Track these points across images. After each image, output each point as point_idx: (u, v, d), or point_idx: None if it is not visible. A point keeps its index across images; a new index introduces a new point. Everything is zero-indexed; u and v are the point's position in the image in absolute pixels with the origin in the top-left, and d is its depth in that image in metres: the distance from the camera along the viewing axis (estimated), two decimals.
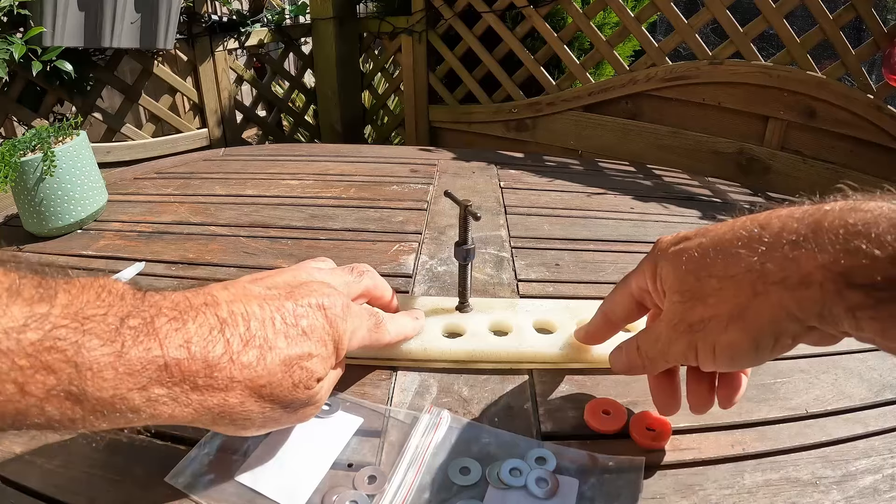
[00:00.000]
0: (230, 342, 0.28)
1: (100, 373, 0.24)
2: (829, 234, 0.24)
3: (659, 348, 0.32)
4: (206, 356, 0.27)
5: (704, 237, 0.30)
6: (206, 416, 0.28)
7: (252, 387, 0.29)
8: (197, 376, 0.27)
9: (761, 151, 1.63)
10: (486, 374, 0.44)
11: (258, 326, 0.30)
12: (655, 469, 0.35)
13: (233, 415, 0.29)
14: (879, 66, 1.44)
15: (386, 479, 0.33)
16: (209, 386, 0.27)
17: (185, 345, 0.27)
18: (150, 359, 0.25)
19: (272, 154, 1.07)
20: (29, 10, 1.50)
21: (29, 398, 0.23)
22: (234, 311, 0.30)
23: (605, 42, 1.79)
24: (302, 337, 0.31)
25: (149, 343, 0.26)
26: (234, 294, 0.31)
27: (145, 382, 0.25)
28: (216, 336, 0.28)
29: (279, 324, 0.30)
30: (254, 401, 0.29)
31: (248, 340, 0.29)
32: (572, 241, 0.69)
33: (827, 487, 0.34)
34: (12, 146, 0.66)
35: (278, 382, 0.30)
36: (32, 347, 0.23)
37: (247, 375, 0.28)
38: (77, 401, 0.24)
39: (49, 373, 0.23)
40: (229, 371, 0.28)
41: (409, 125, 2.33)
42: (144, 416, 0.26)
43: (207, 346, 0.27)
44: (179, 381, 0.26)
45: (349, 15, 2.30)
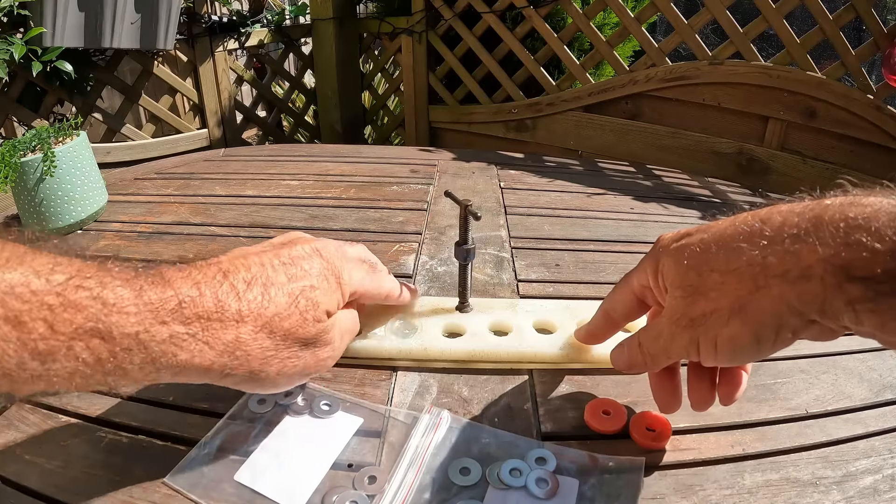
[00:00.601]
0: (234, 285, 0.30)
1: (123, 308, 0.25)
2: (829, 228, 0.24)
3: (661, 344, 0.32)
4: (215, 294, 0.29)
5: (706, 233, 0.30)
6: (226, 358, 0.29)
7: (262, 320, 0.30)
8: (210, 312, 0.29)
9: (761, 152, 1.63)
10: (486, 374, 0.44)
11: (258, 269, 0.32)
12: (655, 469, 0.35)
13: (249, 353, 0.30)
14: (879, 66, 1.44)
15: (386, 479, 0.33)
16: (221, 321, 0.29)
17: (195, 286, 0.29)
18: (167, 297, 0.27)
19: (272, 154, 1.07)
20: (29, 10, 1.50)
21: (58, 336, 0.24)
22: (235, 263, 0.32)
23: (605, 42, 1.79)
24: (301, 272, 0.33)
25: (163, 286, 0.28)
26: (232, 254, 0.34)
27: (165, 318, 0.27)
28: (220, 279, 0.30)
29: (278, 265, 0.33)
30: (266, 335, 0.30)
31: (249, 281, 0.31)
32: (572, 242, 0.69)
33: (827, 487, 0.34)
34: (12, 146, 0.66)
35: (286, 313, 0.31)
36: (60, 287, 0.24)
37: (254, 308, 0.30)
38: (103, 338, 0.25)
39: (77, 310, 0.24)
40: (237, 306, 0.30)
41: (409, 125, 2.33)
42: (169, 360, 0.27)
43: (215, 286, 0.30)
44: (195, 318, 0.28)
45: (349, 15, 2.30)
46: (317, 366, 0.34)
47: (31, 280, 0.23)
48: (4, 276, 0.23)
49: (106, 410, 0.39)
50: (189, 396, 0.40)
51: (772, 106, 1.58)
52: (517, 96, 2.02)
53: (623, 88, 1.78)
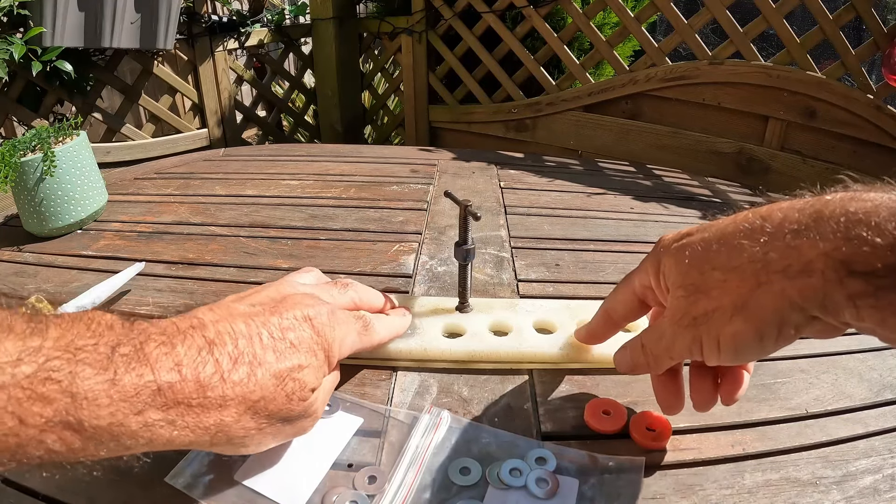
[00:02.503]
0: (219, 361, 0.28)
1: (95, 401, 0.24)
2: (830, 223, 0.24)
3: (664, 345, 0.32)
4: (197, 377, 0.27)
5: (707, 231, 0.30)
6: (204, 438, 0.28)
7: (246, 403, 0.29)
8: (191, 398, 0.27)
9: (761, 151, 1.63)
10: (486, 374, 0.44)
11: (245, 343, 0.30)
12: (655, 469, 0.35)
13: (230, 434, 0.29)
14: (879, 66, 1.44)
15: (386, 479, 0.33)
16: (203, 406, 0.27)
17: (176, 367, 0.27)
18: (144, 384, 0.26)
19: (272, 154, 1.07)
20: (29, 10, 1.50)
21: (28, 430, 0.23)
22: (221, 330, 0.30)
23: (604, 42, 1.79)
24: (290, 349, 0.31)
25: (140, 369, 0.26)
26: (219, 314, 0.31)
27: (141, 407, 0.25)
28: (205, 356, 0.28)
29: (266, 339, 0.31)
30: (249, 417, 0.29)
31: (236, 358, 0.29)
32: (572, 241, 0.69)
33: (827, 487, 0.34)
34: (12, 146, 0.66)
35: (272, 396, 0.30)
36: (28, 380, 0.23)
37: (239, 392, 0.29)
38: (75, 430, 0.24)
39: (46, 404, 0.23)
40: (221, 390, 0.28)
41: (409, 125, 2.33)
42: (142, 442, 0.26)
43: (197, 367, 0.28)
44: (174, 403, 0.26)
45: (349, 15, 2.30)
46: (297, 433, 0.33)
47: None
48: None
49: None
50: None
51: (772, 106, 1.58)
52: (517, 96, 2.02)
53: (623, 88, 1.78)
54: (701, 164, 1.71)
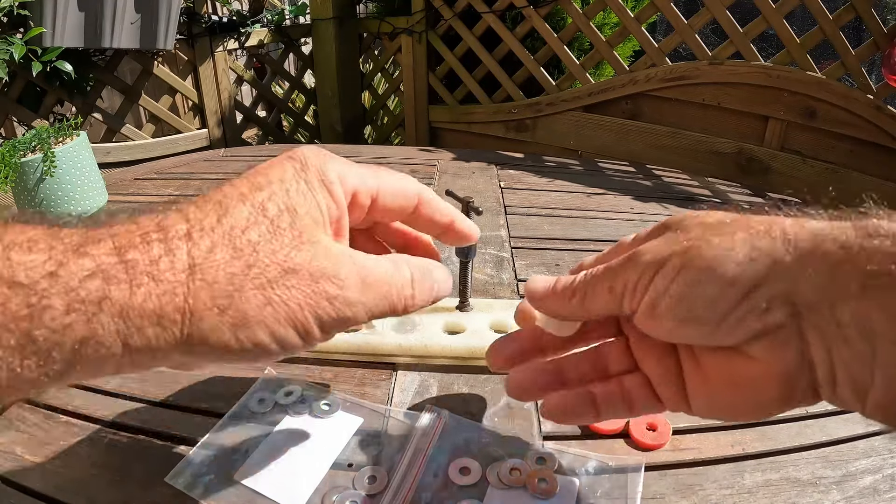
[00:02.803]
0: (180, 210, 0.23)
1: (34, 247, 0.19)
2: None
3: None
4: (154, 220, 0.22)
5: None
6: (180, 293, 0.21)
7: (208, 236, 0.22)
8: (145, 237, 0.21)
9: (761, 151, 1.63)
10: (486, 373, 0.44)
11: (213, 193, 0.25)
12: (655, 469, 0.35)
13: (213, 286, 0.21)
14: (879, 66, 1.44)
15: (386, 479, 0.33)
16: (162, 241, 0.21)
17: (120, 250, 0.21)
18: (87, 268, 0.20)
19: (272, 154, 1.07)
20: (29, 10, 1.50)
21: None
22: (190, 202, 0.24)
23: (604, 42, 1.79)
24: (266, 180, 0.25)
25: (83, 259, 0.20)
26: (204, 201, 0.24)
27: (86, 250, 0.20)
28: (156, 224, 0.22)
29: (238, 182, 0.25)
30: (228, 254, 0.22)
31: (200, 204, 0.24)
32: (572, 241, 0.69)
33: (827, 487, 0.34)
34: (12, 147, 0.66)
35: (244, 223, 0.23)
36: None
37: (205, 224, 0.22)
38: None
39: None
40: (185, 228, 0.22)
41: (409, 125, 2.33)
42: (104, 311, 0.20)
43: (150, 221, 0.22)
44: (127, 247, 0.21)
45: (349, 15, 2.30)
46: (333, 298, 0.23)
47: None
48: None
49: (106, 410, 0.39)
50: (189, 396, 0.40)
51: (772, 106, 1.58)
52: (517, 96, 2.02)
53: (623, 88, 1.78)
54: (701, 164, 1.71)
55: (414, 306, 0.27)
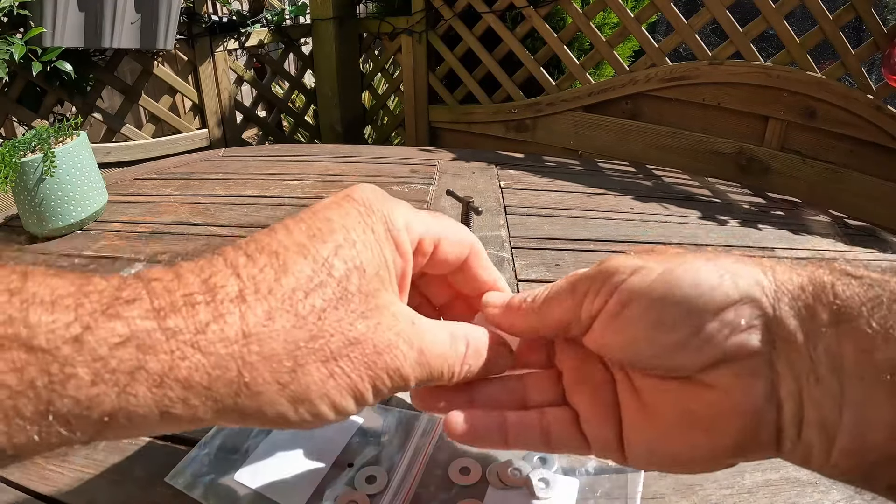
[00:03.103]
0: (232, 262, 0.21)
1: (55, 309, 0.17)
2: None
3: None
4: (202, 278, 0.20)
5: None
6: (233, 367, 0.19)
7: (274, 300, 0.20)
8: (194, 297, 0.19)
9: (761, 151, 1.63)
10: None
11: (268, 239, 0.22)
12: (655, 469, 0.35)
13: (266, 355, 0.19)
14: (879, 66, 1.44)
15: (386, 479, 0.33)
16: (209, 303, 0.19)
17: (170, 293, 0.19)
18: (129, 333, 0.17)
19: (272, 154, 1.07)
20: (29, 10, 1.50)
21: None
22: (237, 247, 0.22)
23: (604, 42, 1.79)
24: (328, 228, 0.22)
25: (139, 308, 0.18)
26: (255, 246, 0.22)
27: (121, 312, 0.18)
28: (206, 265, 0.20)
29: (294, 227, 0.22)
30: (288, 320, 0.20)
31: (252, 254, 0.21)
32: (572, 241, 0.69)
33: (827, 487, 0.34)
34: (12, 147, 0.66)
35: (308, 285, 0.21)
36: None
37: (260, 283, 0.20)
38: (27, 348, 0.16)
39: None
40: (238, 287, 0.20)
41: (409, 125, 2.33)
42: (137, 382, 0.18)
43: (200, 274, 0.20)
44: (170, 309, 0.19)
45: (349, 15, 2.30)
46: (393, 368, 0.22)
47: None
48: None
49: None
50: None
51: (772, 106, 1.58)
52: (517, 96, 2.02)
53: (623, 88, 1.78)
54: (701, 164, 1.71)
55: (456, 380, 0.25)
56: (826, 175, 1.53)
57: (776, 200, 0.94)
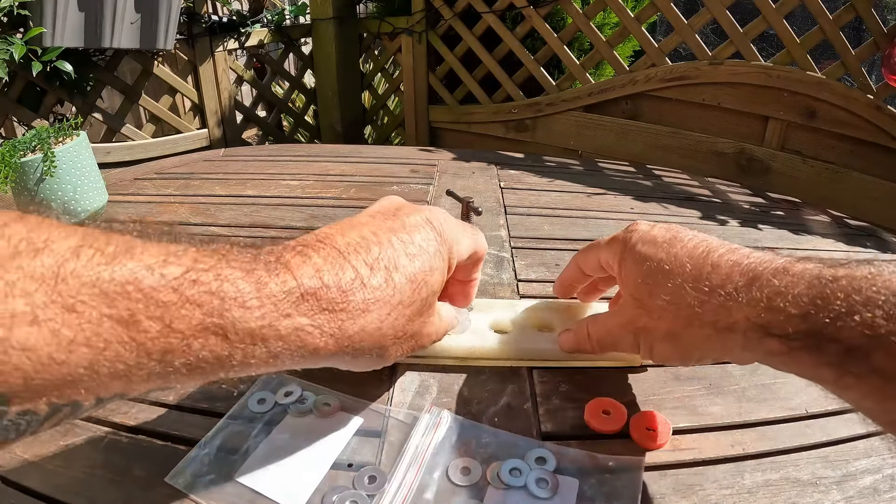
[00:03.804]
0: (356, 268, 0.29)
1: (244, 303, 0.24)
2: (757, 292, 0.28)
3: (610, 341, 0.39)
4: (339, 283, 0.28)
5: (669, 251, 0.34)
6: (347, 350, 0.29)
7: (386, 309, 0.30)
8: (334, 303, 0.27)
9: (761, 151, 1.63)
10: (486, 374, 0.44)
11: (378, 250, 0.30)
12: (655, 469, 0.35)
13: (370, 343, 0.29)
14: (879, 66, 1.44)
15: (386, 479, 0.33)
16: (346, 311, 0.28)
17: (317, 274, 0.27)
18: (288, 290, 0.26)
19: (272, 154, 1.07)
20: (29, 10, 1.50)
21: (175, 335, 0.22)
22: (350, 240, 0.30)
23: (604, 42, 1.79)
24: (420, 252, 0.32)
25: (284, 275, 0.26)
26: (342, 227, 0.32)
27: (289, 311, 0.26)
28: (342, 263, 0.29)
29: (397, 243, 0.31)
30: (389, 324, 0.30)
31: (372, 264, 0.30)
32: (572, 241, 0.69)
33: (827, 487, 0.34)
34: (12, 147, 0.66)
35: (409, 301, 0.31)
36: (176, 282, 0.22)
37: (379, 296, 0.29)
38: (223, 336, 0.23)
39: (194, 307, 0.22)
40: (363, 295, 0.28)
41: (409, 125, 2.33)
42: (292, 348, 0.26)
43: (337, 273, 0.28)
44: (319, 310, 0.27)
45: (349, 15, 2.30)
46: (416, 347, 0.34)
47: (143, 275, 0.21)
48: (114, 273, 0.21)
49: (106, 410, 0.39)
50: (189, 396, 0.40)
51: (772, 106, 1.58)
52: (517, 96, 2.02)
53: (623, 88, 1.78)
54: (701, 164, 1.71)
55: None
56: (826, 175, 1.53)
57: (776, 200, 0.94)
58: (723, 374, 0.44)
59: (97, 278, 0.20)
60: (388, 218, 0.33)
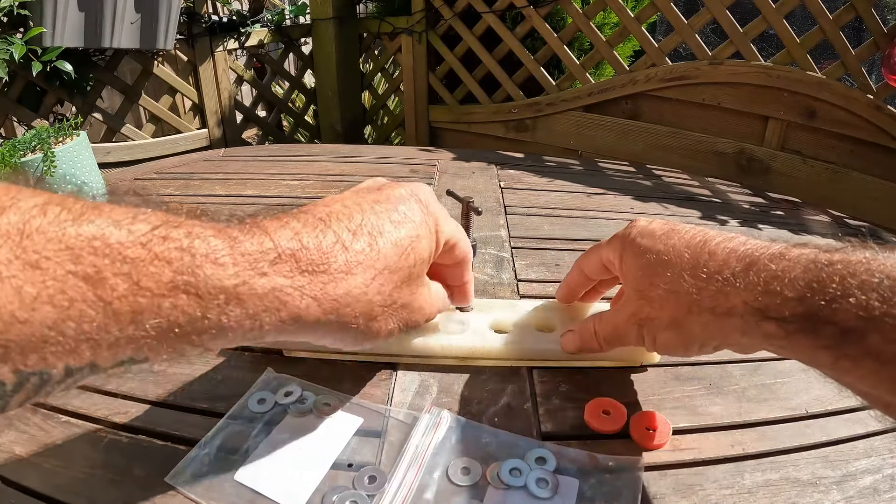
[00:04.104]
0: (338, 233, 0.28)
1: (217, 260, 0.23)
2: (754, 277, 0.29)
3: (617, 336, 0.39)
4: (319, 245, 0.27)
5: (666, 243, 0.35)
6: (332, 313, 0.27)
7: (371, 273, 0.29)
8: (315, 265, 0.26)
9: (761, 151, 1.63)
10: (487, 374, 0.44)
11: (361, 216, 0.30)
12: (655, 469, 0.35)
13: (358, 308, 0.28)
14: (879, 66, 1.44)
15: (386, 479, 0.33)
16: (328, 273, 0.27)
17: (296, 236, 0.26)
18: (264, 250, 0.25)
19: (272, 154, 1.07)
20: (29, 10, 1.50)
21: (143, 293, 0.21)
22: (332, 210, 0.30)
23: (604, 42, 1.79)
24: (405, 220, 0.32)
25: (260, 237, 0.25)
26: (324, 201, 0.31)
27: (266, 270, 0.24)
28: (323, 228, 0.28)
29: (381, 210, 0.31)
30: (376, 288, 0.29)
31: (354, 230, 0.29)
32: (572, 241, 0.69)
33: (827, 487, 0.34)
34: (12, 147, 0.66)
35: (395, 266, 0.30)
36: (144, 237, 0.21)
37: (363, 259, 0.28)
38: (196, 294, 0.22)
39: (164, 264, 0.21)
40: (345, 257, 0.28)
41: (409, 125, 2.33)
42: (271, 310, 0.25)
43: (318, 236, 0.27)
44: (298, 271, 0.26)
45: (349, 15, 2.30)
46: (410, 322, 0.33)
47: (110, 232, 0.20)
48: (80, 229, 0.20)
49: (106, 410, 0.39)
50: (189, 396, 0.40)
51: (772, 106, 1.58)
52: (517, 96, 2.02)
53: (623, 88, 1.78)
54: (701, 164, 1.71)
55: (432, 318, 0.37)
56: (826, 175, 1.53)
57: (776, 200, 0.94)
58: (723, 374, 0.44)
59: (63, 234, 0.20)
60: (371, 192, 0.33)
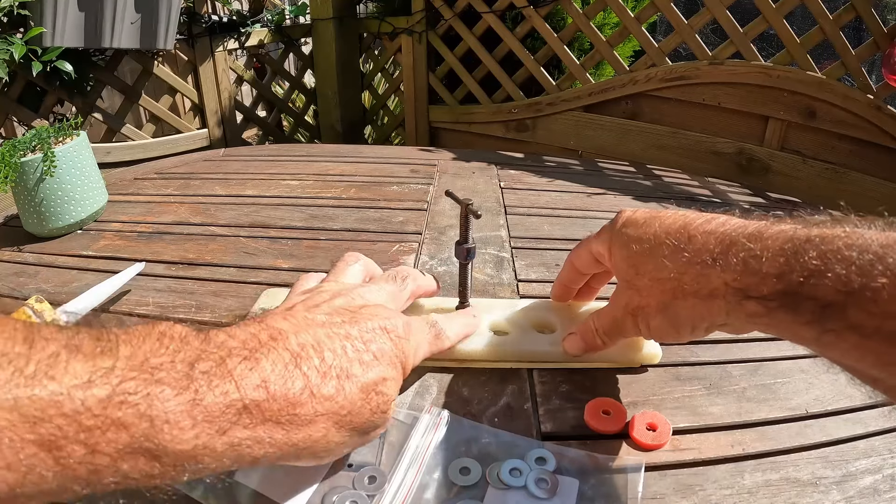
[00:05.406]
0: (308, 375, 0.28)
1: (177, 424, 0.23)
2: (733, 258, 0.29)
3: (616, 328, 0.39)
4: (286, 394, 0.27)
5: (647, 231, 0.35)
6: (291, 453, 0.28)
7: (335, 418, 0.29)
8: (279, 415, 0.26)
9: (761, 151, 1.63)
10: (486, 374, 0.44)
11: (332, 357, 0.29)
12: (655, 469, 0.35)
13: (315, 448, 0.28)
14: (879, 66, 1.44)
15: (386, 479, 0.33)
16: (292, 422, 0.27)
17: (263, 384, 0.26)
18: (229, 403, 0.25)
19: (272, 154, 1.07)
20: (29, 10, 1.50)
21: (101, 458, 0.21)
22: (304, 342, 0.29)
23: (605, 42, 1.79)
24: (374, 361, 0.31)
25: (225, 386, 0.25)
26: (297, 324, 0.31)
27: (226, 427, 0.24)
28: (292, 371, 0.27)
29: (351, 351, 0.30)
30: (335, 431, 0.29)
31: (325, 372, 0.29)
32: (572, 242, 0.68)
33: (827, 487, 0.34)
34: (12, 146, 0.66)
35: (358, 410, 0.30)
36: (101, 405, 0.21)
37: (328, 407, 0.28)
38: (153, 456, 0.23)
39: (121, 429, 0.22)
40: (311, 406, 0.27)
41: (409, 125, 2.33)
42: (227, 463, 0.25)
43: (286, 382, 0.27)
44: (262, 421, 0.26)
45: (349, 15, 2.30)
46: (365, 443, 0.33)
47: (64, 399, 0.21)
48: (34, 394, 0.20)
49: None
50: None
51: (772, 106, 1.58)
52: (517, 96, 2.02)
53: (623, 88, 1.78)
54: (701, 164, 1.71)
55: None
56: (826, 175, 1.53)
57: (776, 200, 0.94)
58: (723, 374, 0.44)
59: (15, 401, 0.20)
60: (346, 321, 0.32)
